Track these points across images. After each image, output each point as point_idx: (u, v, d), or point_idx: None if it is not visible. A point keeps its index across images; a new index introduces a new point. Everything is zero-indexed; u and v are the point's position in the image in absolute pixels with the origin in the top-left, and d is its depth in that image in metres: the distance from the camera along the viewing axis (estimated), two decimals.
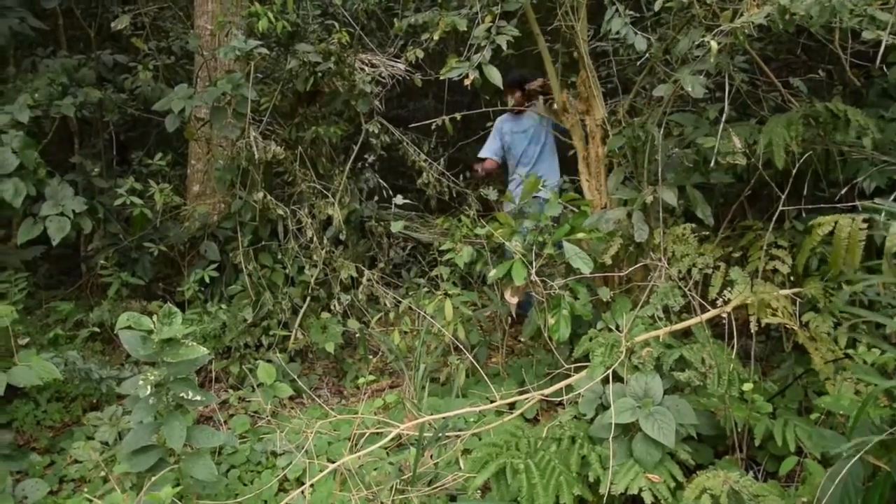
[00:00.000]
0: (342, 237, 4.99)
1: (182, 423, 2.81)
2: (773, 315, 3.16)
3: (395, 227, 4.64)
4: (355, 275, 4.91)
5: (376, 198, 5.57)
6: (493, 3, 3.87)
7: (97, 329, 4.63)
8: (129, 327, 2.77)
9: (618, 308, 3.69)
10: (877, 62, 2.96)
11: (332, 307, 4.80)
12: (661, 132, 3.61)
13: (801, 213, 3.59)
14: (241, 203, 4.86)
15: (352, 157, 5.17)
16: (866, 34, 2.88)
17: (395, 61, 5.14)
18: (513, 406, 3.51)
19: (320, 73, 4.83)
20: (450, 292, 4.29)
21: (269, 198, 4.81)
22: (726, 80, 3.35)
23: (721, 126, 3.31)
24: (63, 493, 3.46)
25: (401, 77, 5.14)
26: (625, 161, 4.01)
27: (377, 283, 4.94)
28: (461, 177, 5.43)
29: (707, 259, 3.49)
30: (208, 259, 4.91)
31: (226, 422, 4.04)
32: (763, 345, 3.95)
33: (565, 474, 2.79)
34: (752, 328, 3.16)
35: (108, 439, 3.56)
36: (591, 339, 3.51)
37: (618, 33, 3.63)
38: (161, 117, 4.66)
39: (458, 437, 3.40)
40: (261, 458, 3.65)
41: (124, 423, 3.58)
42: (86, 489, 3.40)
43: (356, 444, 3.42)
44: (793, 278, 3.42)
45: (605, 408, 3.03)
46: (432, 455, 3.37)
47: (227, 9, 5.18)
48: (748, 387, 2.94)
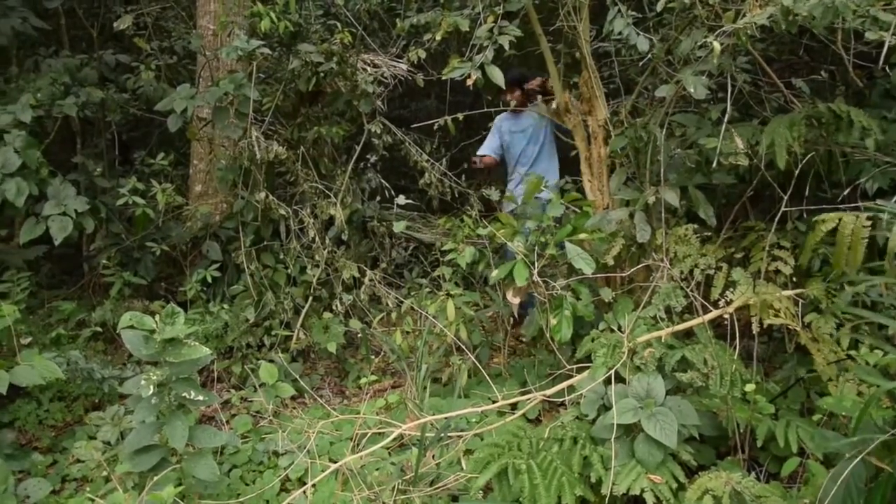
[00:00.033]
0: (344, 237, 4.98)
1: (184, 422, 2.81)
2: (776, 316, 3.16)
3: (398, 227, 4.63)
4: (357, 275, 4.91)
5: (378, 198, 5.57)
6: (496, 4, 3.87)
7: (99, 329, 4.64)
8: (132, 327, 2.76)
9: (620, 309, 3.69)
10: (879, 63, 2.96)
11: (335, 307, 4.80)
12: (664, 133, 3.61)
13: (803, 214, 3.58)
14: (243, 203, 4.86)
15: (354, 158, 5.17)
16: (869, 35, 2.88)
17: (398, 61, 5.14)
18: (515, 406, 3.52)
19: (322, 74, 4.83)
20: (452, 292, 4.29)
21: (271, 198, 4.81)
22: (729, 80, 3.35)
23: (723, 127, 3.31)
24: (65, 492, 3.46)
25: (403, 77, 5.14)
26: (627, 162, 4.01)
27: (379, 283, 4.95)
28: (463, 177, 5.43)
29: (709, 260, 3.49)
30: (210, 259, 4.91)
31: (228, 422, 4.04)
32: (765, 346, 3.95)
33: (567, 475, 2.79)
34: (755, 329, 3.16)
35: (111, 439, 3.57)
36: (593, 340, 3.52)
37: (620, 34, 3.62)
38: (163, 117, 4.66)
39: (460, 437, 3.39)
40: (263, 458, 3.65)
41: (126, 423, 3.58)
42: (88, 489, 3.40)
43: (358, 444, 3.42)
44: (795, 279, 3.42)
45: (607, 408, 3.03)
46: (434, 455, 3.37)
47: (229, 9, 5.18)
48: (750, 388, 2.94)
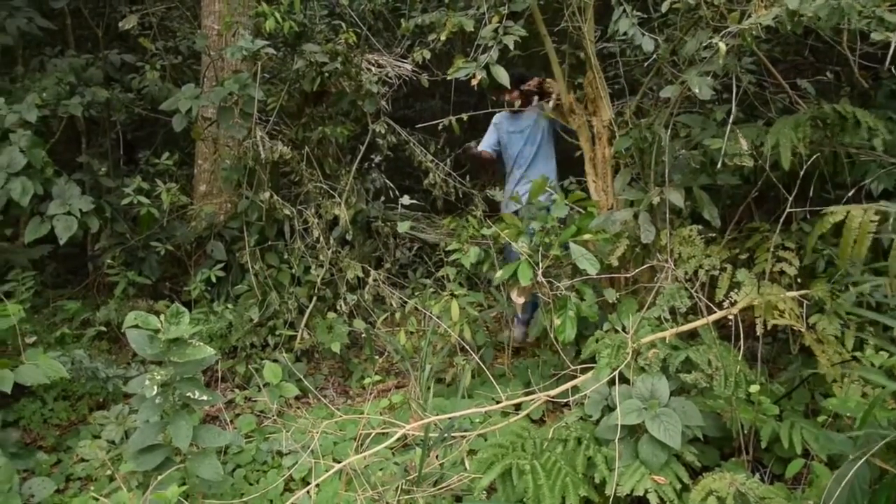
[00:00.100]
0: (348, 237, 4.99)
1: (188, 422, 2.81)
2: (780, 317, 3.15)
3: (402, 227, 4.64)
4: (361, 275, 4.91)
5: (383, 198, 5.57)
6: (501, 4, 3.87)
7: (104, 328, 4.65)
8: (136, 326, 2.77)
9: (624, 309, 3.68)
10: (885, 64, 2.95)
11: (339, 307, 4.80)
12: (668, 133, 3.60)
13: (807, 215, 3.58)
14: (247, 203, 4.86)
15: (358, 158, 5.17)
16: (875, 36, 2.87)
17: (402, 62, 5.14)
18: (519, 407, 3.52)
19: (327, 74, 4.84)
20: (456, 293, 4.30)
21: (275, 198, 4.81)
22: (734, 81, 3.34)
23: (728, 127, 3.30)
24: (69, 491, 3.47)
25: (407, 77, 5.14)
26: (631, 162, 4.00)
27: (383, 283, 4.95)
28: (467, 177, 5.43)
29: (714, 260, 3.48)
30: (215, 259, 4.92)
31: (232, 421, 4.04)
32: (770, 347, 3.94)
33: (571, 475, 2.79)
34: (759, 330, 3.15)
35: (115, 438, 3.57)
36: (597, 341, 3.52)
37: (625, 34, 3.62)
38: (168, 117, 4.67)
39: (464, 437, 3.39)
40: (266, 458, 3.65)
41: (130, 422, 3.58)
42: (92, 488, 3.40)
43: (362, 444, 3.43)
44: (800, 280, 3.41)
45: (611, 409, 3.03)
46: (438, 455, 3.37)
47: (234, 9, 5.19)
48: (755, 389, 2.93)
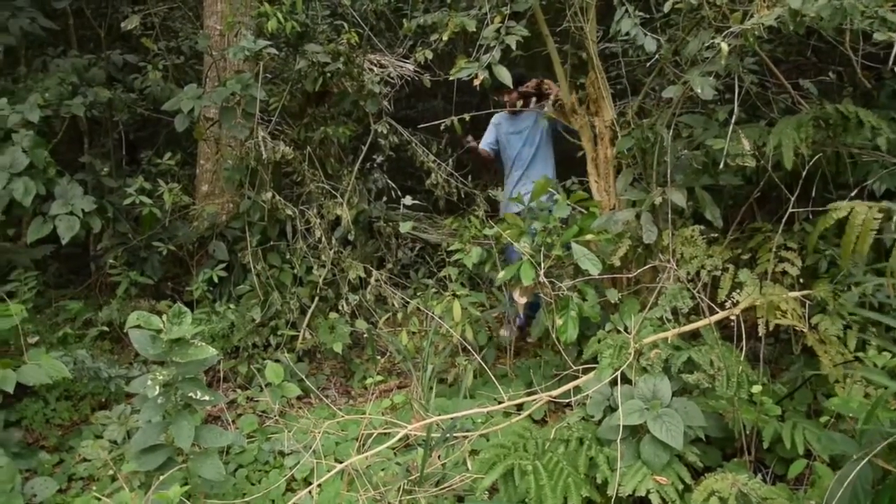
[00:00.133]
0: (350, 237, 4.99)
1: (190, 422, 2.81)
2: (782, 317, 3.15)
3: (404, 227, 4.64)
4: (363, 275, 4.91)
5: (385, 198, 5.57)
6: (503, 4, 3.87)
7: (106, 328, 4.65)
8: (139, 326, 2.77)
9: (626, 310, 3.68)
10: (888, 64, 2.94)
11: (341, 307, 4.80)
12: (671, 134, 3.60)
13: (810, 216, 3.57)
14: (249, 203, 4.87)
15: (360, 158, 5.17)
16: (878, 36, 2.86)
17: (404, 62, 5.14)
18: (521, 407, 3.51)
19: (329, 74, 4.84)
20: (458, 293, 4.29)
21: (277, 198, 4.82)
22: (736, 81, 3.34)
23: (730, 128, 3.29)
24: (72, 491, 3.48)
25: (410, 77, 5.14)
26: (634, 162, 4.00)
27: (385, 283, 4.95)
28: (469, 177, 5.42)
29: (716, 261, 3.48)
30: (217, 259, 4.93)
31: (234, 421, 4.05)
32: (772, 347, 3.93)
33: (573, 476, 2.78)
34: (761, 330, 3.15)
35: (117, 438, 3.58)
36: (599, 341, 3.52)
37: (627, 34, 3.62)
38: (170, 117, 4.67)
39: (466, 437, 3.39)
40: (268, 458, 3.66)
41: (133, 422, 3.59)
42: (94, 487, 3.41)
43: (364, 445, 3.43)
44: (802, 280, 3.41)
45: (613, 409, 3.03)
46: (440, 456, 3.37)
47: (236, 9, 5.19)
48: (757, 389, 2.93)
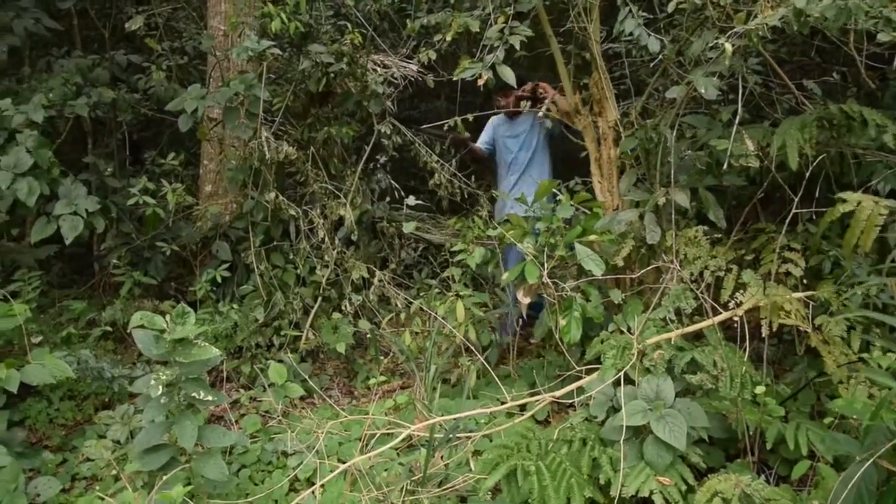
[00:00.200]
0: (354, 238, 4.99)
1: (193, 422, 2.82)
2: (786, 318, 3.14)
3: (407, 227, 4.63)
4: (367, 275, 4.91)
5: (388, 198, 5.57)
6: (506, 4, 3.87)
7: (109, 328, 4.65)
8: (142, 326, 2.78)
9: (629, 310, 3.68)
10: (892, 64, 2.94)
11: (344, 308, 4.80)
12: (674, 134, 3.60)
13: (813, 216, 3.57)
14: (253, 203, 4.87)
15: (364, 158, 5.17)
16: (882, 36, 2.86)
17: (408, 62, 5.13)
18: (524, 408, 3.51)
19: (333, 74, 4.84)
20: (461, 293, 4.29)
21: (280, 198, 4.82)
22: (740, 82, 3.33)
23: (734, 128, 3.29)
24: (75, 490, 3.48)
25: (413, 78, 5.13)
26: (637, 163, 4.00)
27: (388, 283, 4.94)
28: (473, 178, 5.42)
29: (719, 261, 3.47)
30: (220, 259, 4.93)
31: (237, 421, 4.05)
32: (775, 348, 3.93)
33: (576, 476, 2.78)
34: (765, 331, 3.14)
35: (120, 438, 3.59)
36: (602, 342, 3.51)
37: (631, 34, 3.62)
38: (174, 117, 4.68)
39: (469, 438, 3.39)
40: (272, 458, 3.66)
41: (136, 422, 3.60)
42: (97, 487, 3.41)
43: (367, 445, 3.42)
44: (805, 281, 3.40)
45: (616, 410, 3.02)
46: (443, 456, 3.37)
47: (240, 9, 5.20)
48: (760, 390, 2.92)
